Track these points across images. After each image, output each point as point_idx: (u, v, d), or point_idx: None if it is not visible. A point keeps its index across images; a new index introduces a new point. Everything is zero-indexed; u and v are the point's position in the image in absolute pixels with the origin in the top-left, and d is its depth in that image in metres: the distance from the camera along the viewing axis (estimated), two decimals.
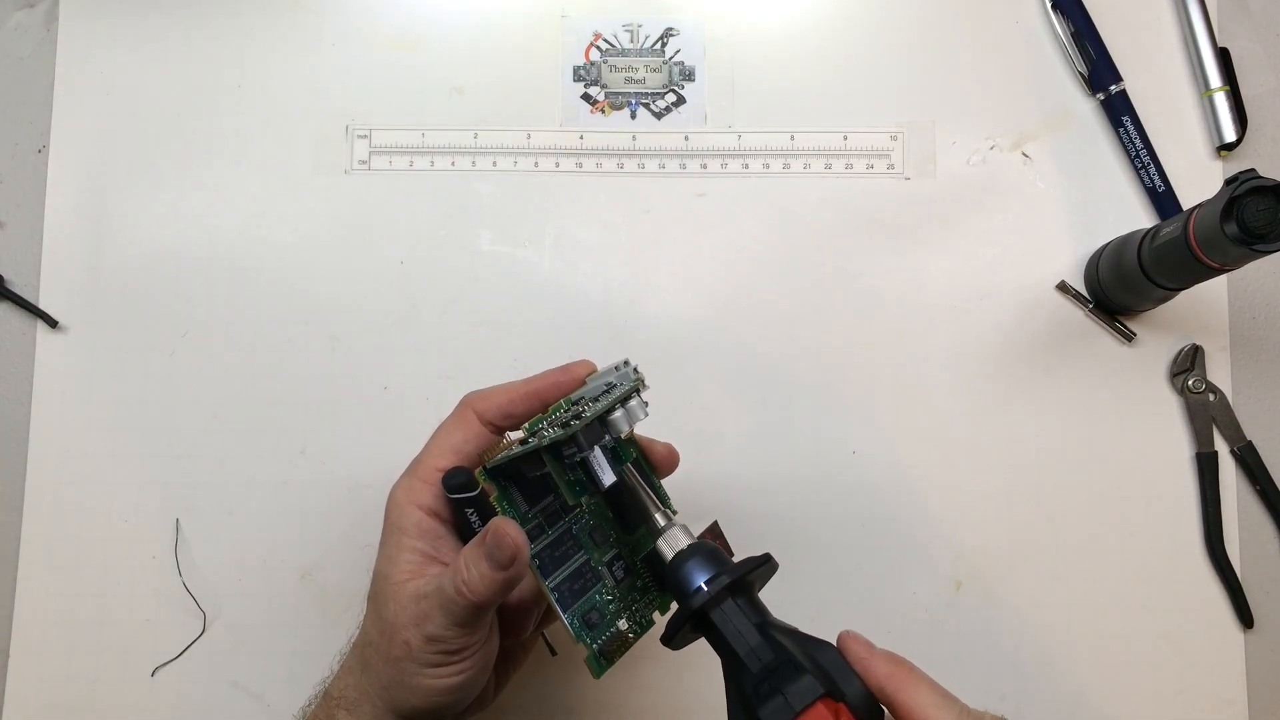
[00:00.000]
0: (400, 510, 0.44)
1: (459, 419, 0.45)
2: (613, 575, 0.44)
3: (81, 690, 0.56)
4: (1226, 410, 0.57)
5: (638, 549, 0.45)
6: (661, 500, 0.45)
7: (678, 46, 0.60)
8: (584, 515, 0.44)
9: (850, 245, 0.59)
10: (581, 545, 0.44)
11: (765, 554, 0.40)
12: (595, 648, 0.43)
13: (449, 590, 0.41)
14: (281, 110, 0.60)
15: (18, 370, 0.58)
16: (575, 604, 0.43)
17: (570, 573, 0.44)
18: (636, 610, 0.44)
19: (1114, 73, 0.58)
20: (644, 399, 0.42)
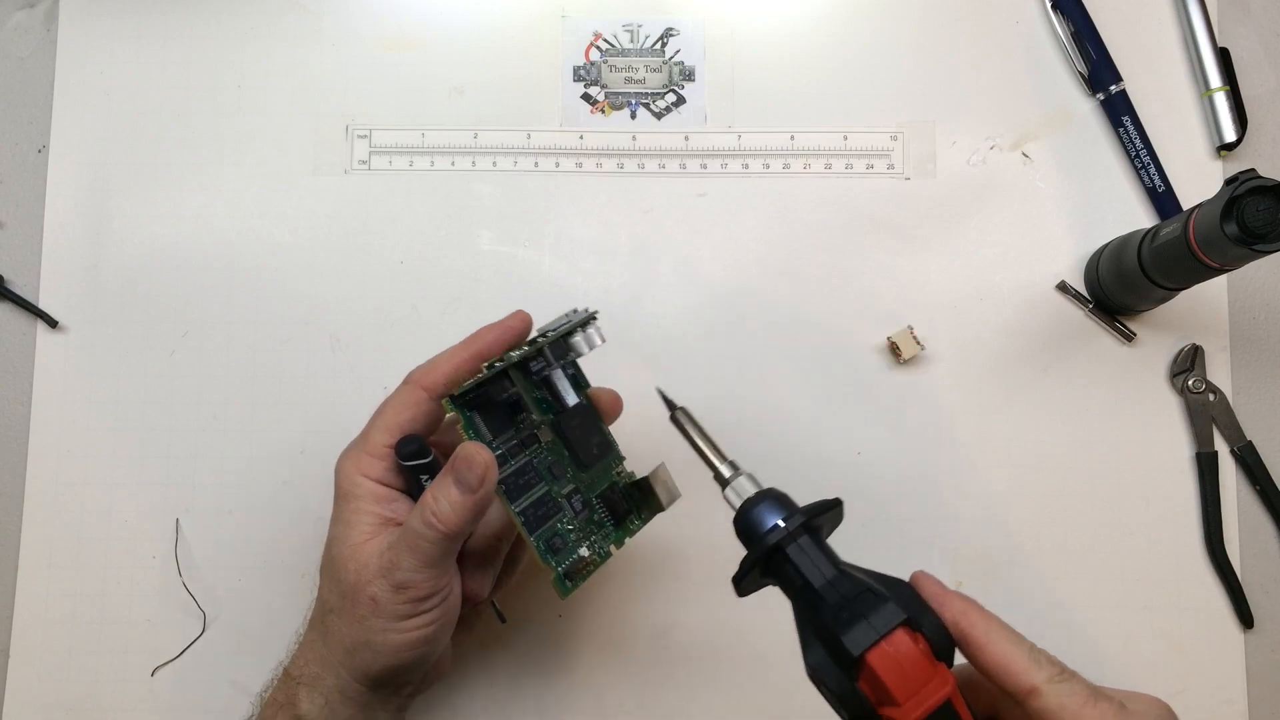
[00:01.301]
0: (350, 479, 0.45)
1: (405, 397, 0.46)
2: (571, 507, 0.47)
3: (81, 690, 0.56)
4: (1226, 410, 0.57)
5: (593, 485, 0.48)
6: (610, 446, 0.49)
7: (678, 46, 0.60)
8: (543, 451, 0.47)
9: (850, 245, 0.59)
10: (542, 477, 0.47)
11: (835, 498, 0.40)
12: (560, 570, 0.46)
13: (418, 527, 0.42)
14: (281, 110, 0.60)
15: (18, 370, 0.58)
16: (540, 529, 0.46)
17: (533, 500, 0.46)
18: (595, 541, 0.48)
19: (1114, 73, 0.58)
20: (600, 329, 0.46)
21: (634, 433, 0.50)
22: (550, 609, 0.56)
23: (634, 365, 0.58)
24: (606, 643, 0.56)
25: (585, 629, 0.56)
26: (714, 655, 0.56)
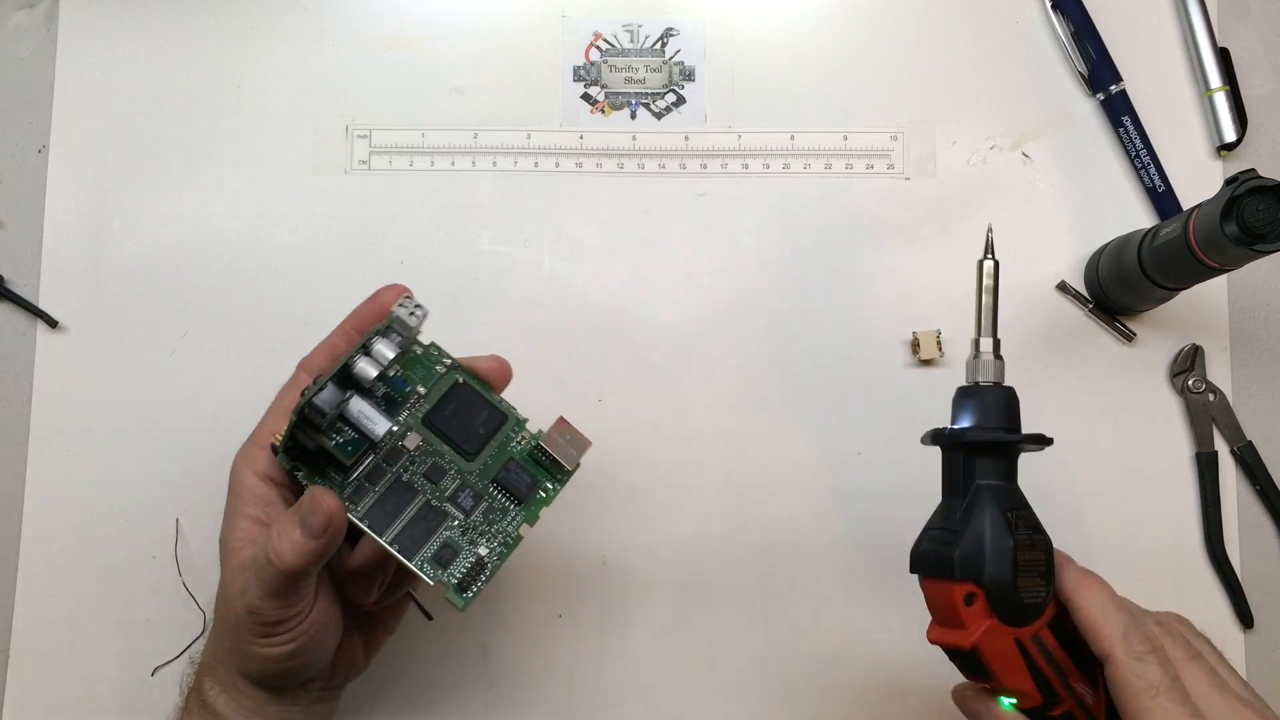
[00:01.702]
0: (238, 477, 0.44)
1: (292, 382, 0.46)
2: (459, 508, 0.44)
3: (81, 690, 0.56)
4: (1226, 410, 0.57)
5: (488, 470, 0.45)
6: (502, 417, 0.46)
7: (678, 46, 0.60)
8: (414, 460, 0.44)
9: (850, 245, 0.59)
10: (417, 489, 0.44)
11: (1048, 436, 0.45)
12: (453, 582, 0.43)
13: (261, 559, 0.41)
14: (281, 110, 0.60)
15: (18, 370, 0.58)
16: (422, 548, 0.43)
17: (409, 519, 0.43)
18: (497, 531, 0.44)
19: (1114, 73, 0.58)
20: (407, 329, 0.43)
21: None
22: (550, 610, 0.56)
23: (633, 365, 0.58)
24: (606, 642, 0.56)
25: (585, 629, 0.56)
26: (713, 655, 0.56)
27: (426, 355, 0.45)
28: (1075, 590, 0.42)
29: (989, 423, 0.44)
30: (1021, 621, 0.41)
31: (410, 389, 0.45)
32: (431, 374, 0.45)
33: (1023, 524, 0.42)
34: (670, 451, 0.57)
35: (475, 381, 0.46)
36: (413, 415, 0.44)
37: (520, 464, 0.45)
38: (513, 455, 0.45)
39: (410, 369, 0.45)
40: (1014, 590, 0.41)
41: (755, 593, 0.56)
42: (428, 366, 0.45)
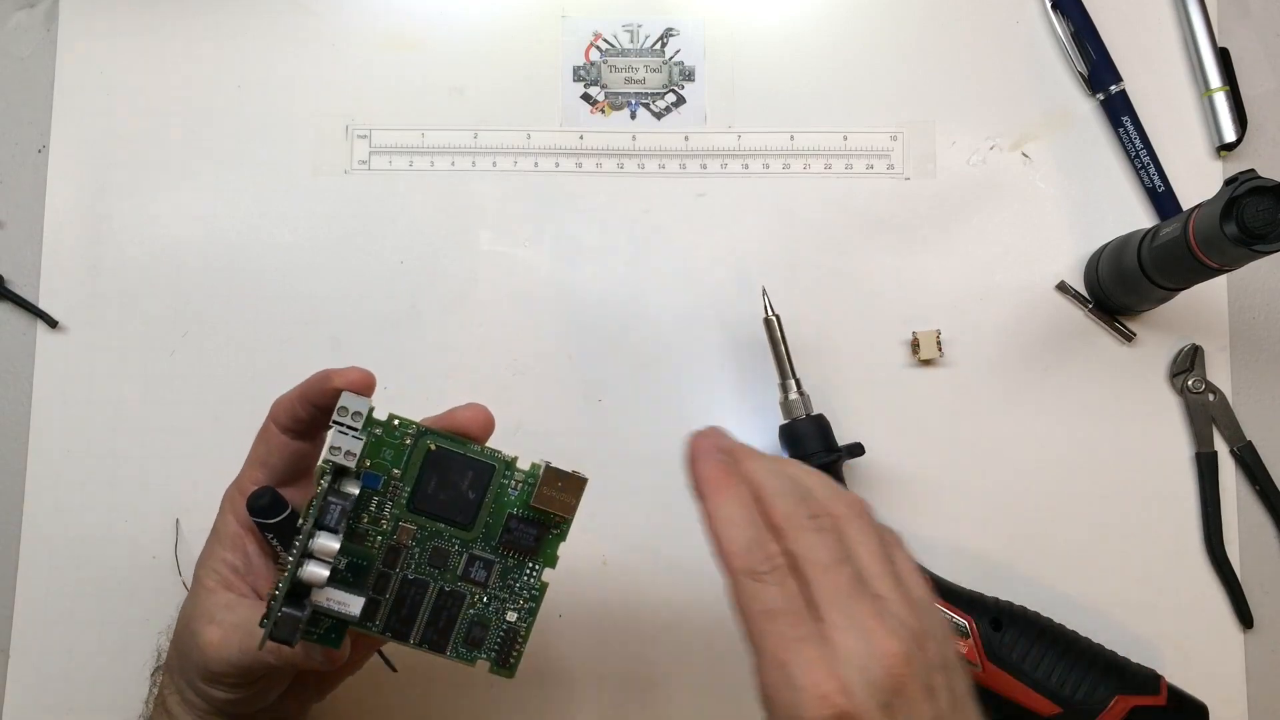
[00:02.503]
0: (222, 516, 0.44)
1: (263, 430, 0.44)
2: (474, 583, 0.42)
3: (81, 690, 0.56)
4: (1226, 410, 0.57)
5: (491, 531, 0.42)
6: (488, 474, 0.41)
7: (678, 46, 0.60)
8: (414, 550, 0.41)
9: (850, 245, 0.59)
10: (427, 580, 0.42)
11: (859, 443, 0.54)
12: (491, 659, 0.42)
13: (249, 648, 0.40)
14: (281, 110, 0.60)
15: (18, 370, 0.58)
16: (450, 637, 0.42)
17: (429, 616, 0.42)
18: (521, 590, 0.42)
19: (1114, 73, 0.58)
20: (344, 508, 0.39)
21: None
22: (550, 610, 0.56)
23: (633, 365, 0.58)
24: (606, 642, 0.56)
25: (585, 629, 0.56)
26: (713, 654, 0.56)
27: (389, 432, 0.41)
28: (704, 498, 0.38)
29: (811, 449, 0.53)
30: None
31: (384, 480, 0.41)
32: (401, 451, 0.41)
33: None
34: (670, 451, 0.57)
35: (448, 441, 0.41)
36: (396, 505, 0.41)
37: (521, 519, 0.42)
38: (511, 512, 0.42)
39: (376, 454, 0.41)
40: None
41: None
42: (395, 444, 0.41)
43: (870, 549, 0.37)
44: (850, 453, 0.54)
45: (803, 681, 0.33)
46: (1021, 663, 0.51)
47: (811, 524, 0.36)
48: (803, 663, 0.34)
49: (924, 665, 0.34)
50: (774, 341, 0.55)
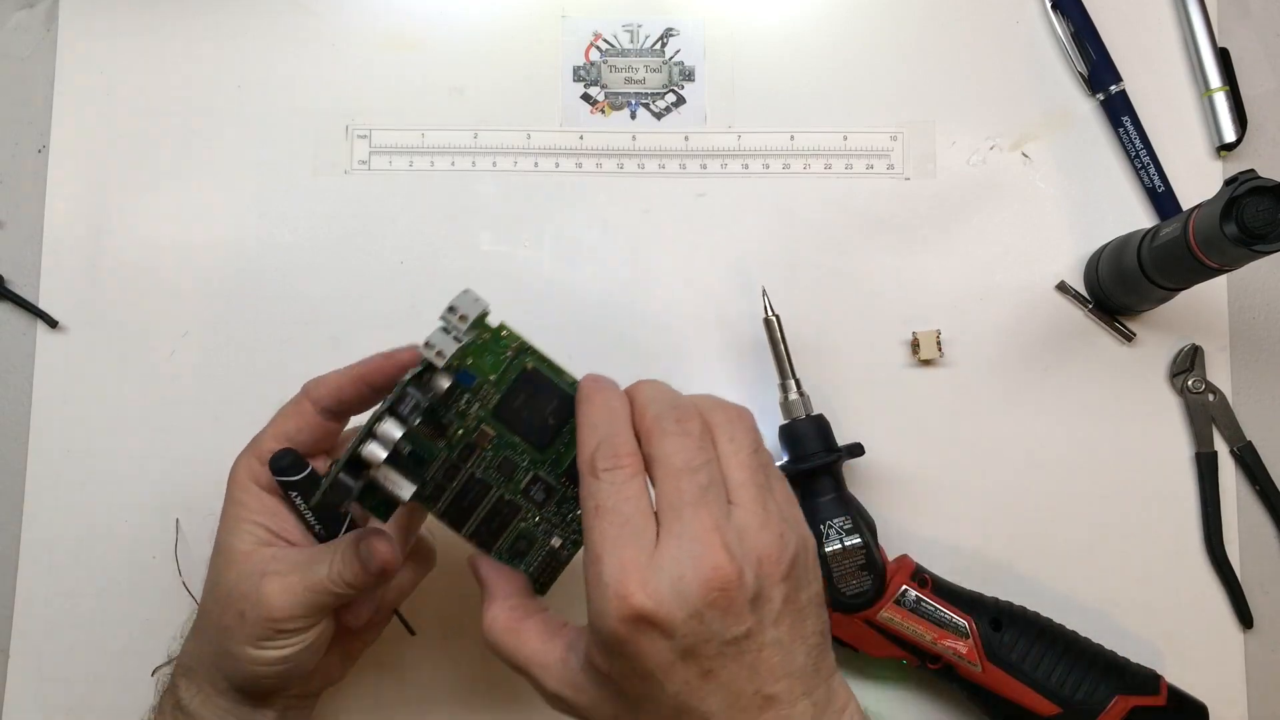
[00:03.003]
0: (241, 486, 0.45)
1: (295, 407, 0.46)
2: (532, 501, 0.44)
3: (81, 690, 0.56)
4: (1226, 410, 0.57)
5: (558, 465, 0.44)
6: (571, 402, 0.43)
7: (678, 46, 0.60)
8: (487, 453, 0.43)
9: (850, 245, 0.59)
10: (491, 483, 0.44)
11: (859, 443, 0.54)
12: (530, 571, 0.45)
13: (321, 577, 0.42)
14: (281, 110, 0.60)
15: (18, 370, 0.58)
16: (499, 540, 0.44)
17: (485, 514, 0.44)
18: (571, 521, 0.44)
19: (1114, 73, 0.58)
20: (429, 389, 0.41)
21: None
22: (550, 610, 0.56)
23: (633, 365, 0.58)
24: None
25: None
26: None
27: (495, 339, 0.42)
28: (577, 408, 0.40)
29: (810, 450, 0.53)
30: (856, 609, 0.51)
31: (479, 380, 0.42)
32: (501, 360, 0.43)
33: (835, 531, 0.51)
34: None
35: (545, 366, 0.43)
36: (484, 407, 0.43)
37: None
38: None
39: (479, 356, 0.42)
40: (836, 588, 0.51)
41: None
42: (497, 352, 0.42)
43: (741, 460, 0.37)
44: (850, 453, 0.54)
45: (609, 578, 0.35)
46: (1021, 663, 0.51)
47: (674, 428, 0.37)
48: (614, 561, 0.35)
49: (759, 578, 0.35)
50: (774, 341, 0.55)
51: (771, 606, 0.36)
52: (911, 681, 0.55)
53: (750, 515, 0.36)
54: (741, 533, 0.36)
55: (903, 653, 0.52)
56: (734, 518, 0.36)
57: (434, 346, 0.40)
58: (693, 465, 0.36)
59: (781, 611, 0.36)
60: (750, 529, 0.36)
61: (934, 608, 0.51)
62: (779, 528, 0.36)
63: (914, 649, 0.52)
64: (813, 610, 0.37)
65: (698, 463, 0.36)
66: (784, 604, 0.36)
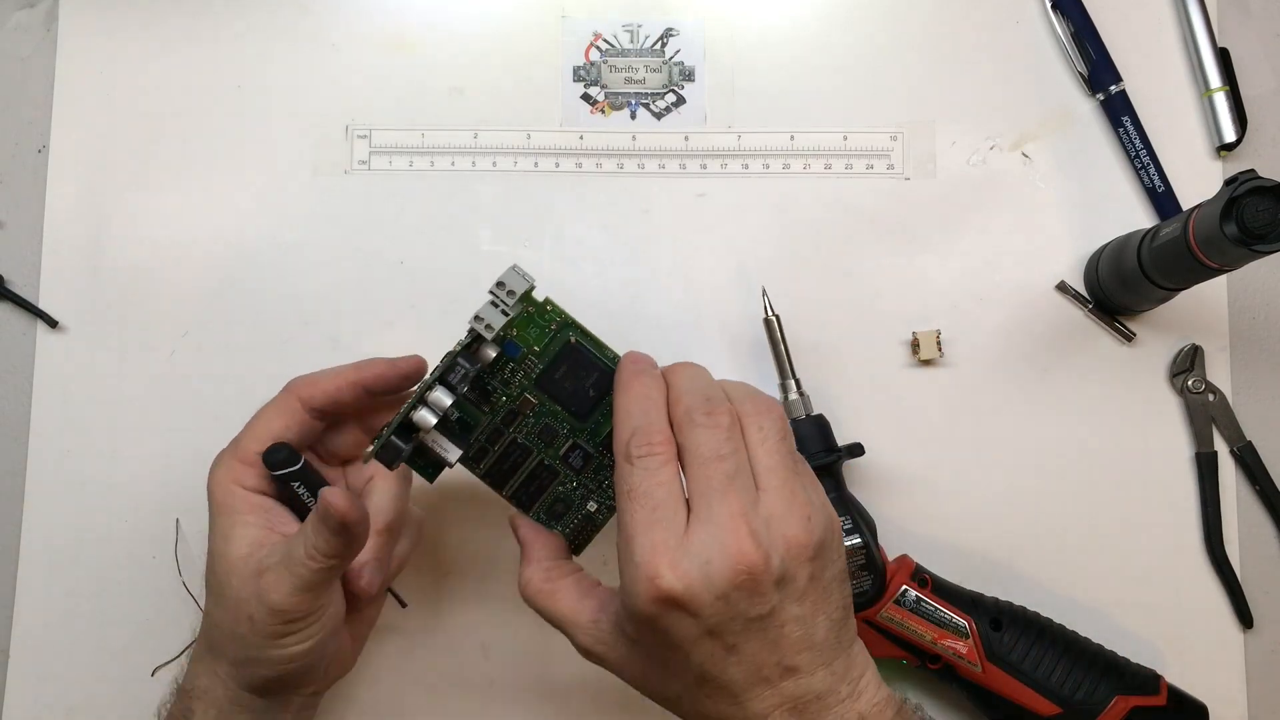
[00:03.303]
0: (227, 490, 0.45)
1: (282, 405, 0.46)
2: (570, 466, 0.46)
3: (81, 690, 0.56)
4: (1226, 410, 0.57)
5: (596, 434, 0.46)
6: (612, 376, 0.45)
7: (678, 46, 0.60)
8: (529, 419, 0.46)
9: (850, 245, 0.59)
10: (533, 448, 0.46)
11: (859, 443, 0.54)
12: (566, 534, 0.47)
13: (299, 555, 0.42)
14: (281, 110, 0.60)
15: (18, 370, 0.58)
16: (537, 502, 0.47)
17: (525, 477, 0.46)
18: (607, 488, 0.47)
19: (1114, 73, 0.58)
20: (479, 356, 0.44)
21: None
22: None
23: None
24: None
25: None
26: None
27: (540, 313, 0.45)
28: (615, 395, 0.41)
29: (810, 450, 0.52)
30: (856, 609, 0.48)
31: (523, 352, 0.45)
32: (545, 333, 0.45)
33: None
34: None
35: (587, 340, 0.46)
36: (527, 377, 0.45)
37: None
38: None
39: (524, 329, 0.45)
40: None
41: None
42: (541, 325, 0.45)
43: (768, 448, 0.39)
44: (850, 453, 0.54)
45: (640, 559, 0.36)
46: (1021, 663, 0.51)
47: (705, 420, 0.39)
48: (646, 542, 0.37)
49: (785, 562, 0.37)
50: (774, 341, 0.55)
51: (796, 586, 0.37)
52: (911, 681, 0.55)
53: (777, 501, 0.38)
54: (769, 519, 0.37)
55: (903, 653, 0.52)
56: (761, 504, 0.38)
57: (483, 320, 0.43)
58: (721, 454, 0.38)
59: (806, 590, 0.38)
60: (777, 515, 0.37)
61: (934, 608, 0.51)
62: (805, 511, 0.38)
63: (914, 649, 0.52)
64: (836, 586, 0.39)
65: (726, 451, 0.38)
66: (809, 582, 0.38)
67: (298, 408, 0.45)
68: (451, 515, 0.56)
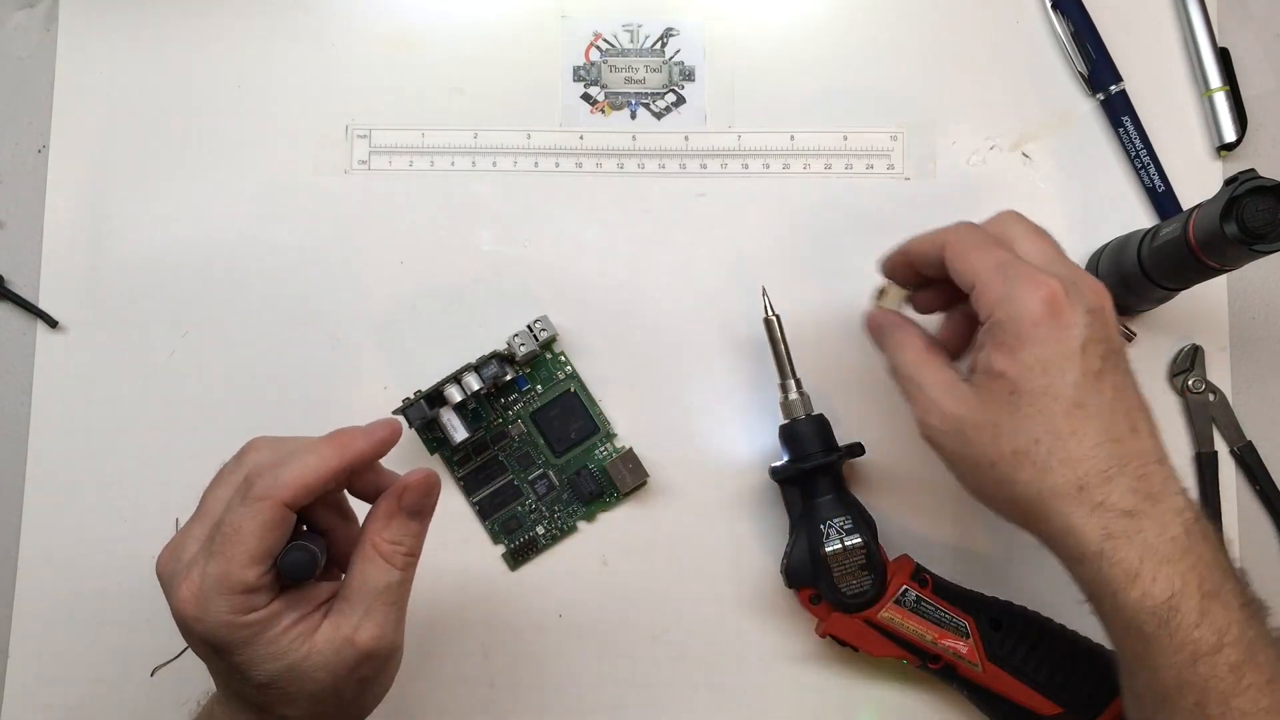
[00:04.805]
0: (230, 628, 0.38)
1: (267, 518, 0.37)
2: (534, 491, 0.56)
3: (81, 690, 0.56)
4: (1226, 410, 0.57)
5: (566, 469, 0.56)
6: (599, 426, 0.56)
7: (678, 46, 0.60)
8: (514, 444, 0.56)
9: (850, 245, 0.59)
10: (508, 468, 0.56)
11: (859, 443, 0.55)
12: (511, 548, 0.56)
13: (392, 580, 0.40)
14: (281, 110, 0.60)
15: (18, 370, 0.58)
16: (495, 515, 0.56)
17: (492, 491, 0.56)
18: (558, 518, 0.56)
19: (1114, 73, 0.58)
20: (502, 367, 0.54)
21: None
22: (550, 610, 0.56)
23: (633, 365, 0.58)
24: (606, 642, 0.56)
25: (585, 629, 0.56)
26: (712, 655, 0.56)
27: (554, 361, 0.56)
28: (950, 257, 0.45)
29: (810, 450, 0.53)
30: (857, 609, 0.51)
31: (529, 387, 0.56)
32: (551, 378, 0.56)
33: (835, 531, 0.51)
34: (670, 450, 0.57)
35: (582, 394, 0.56)
36: (525, 408, 0.56)
37: (592, 473, 0.55)
38: (587, 465, 0.55)
39: (536, 369, 0.56)
40: (837, 588, 0.51)
41: None
42: (551, 371, 0.56)
43: (1044, 251, 0.46)
44: (850, 453, 0.54)
45: (1018, 271, 0.42)
46: (1022, 663, 0.51)
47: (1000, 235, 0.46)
48: (1017, 266, 0.42)
49: (1108, 318, 0.43)
50: (774, 341, 0.55)
51: (1118, 352, 0.43)
52: (911, 681, 0.55)
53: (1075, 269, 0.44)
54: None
55: (903, 652, 0.52)
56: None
57: (519, 339, 0.54)
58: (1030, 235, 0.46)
59: (1123, 369, 0.43)
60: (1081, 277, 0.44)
61: (934, 607, 0.51)
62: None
63: (914, 649, 0.52)
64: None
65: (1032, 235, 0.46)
66: (1119, 369, 0.43)
67: (287, 515, 0.38)
68: (452, 515, 0.56)
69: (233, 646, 0.38)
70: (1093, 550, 0.41)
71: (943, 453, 0.45)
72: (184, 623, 0.39)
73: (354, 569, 0.40)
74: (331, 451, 0.39)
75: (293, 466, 0.38)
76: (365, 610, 0.40)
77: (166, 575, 0.40)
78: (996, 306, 0.42)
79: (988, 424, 0.42)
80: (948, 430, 0.44)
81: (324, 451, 0.39)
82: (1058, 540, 0.42)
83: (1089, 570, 0.41)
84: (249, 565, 0.38)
